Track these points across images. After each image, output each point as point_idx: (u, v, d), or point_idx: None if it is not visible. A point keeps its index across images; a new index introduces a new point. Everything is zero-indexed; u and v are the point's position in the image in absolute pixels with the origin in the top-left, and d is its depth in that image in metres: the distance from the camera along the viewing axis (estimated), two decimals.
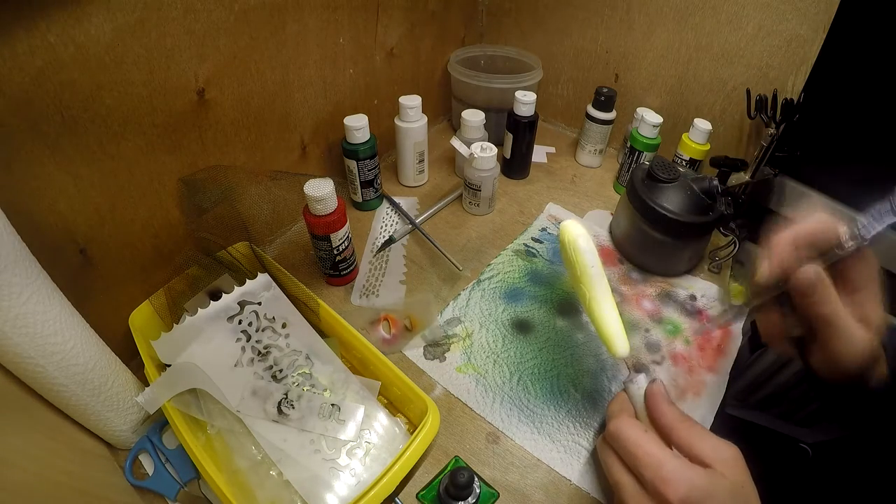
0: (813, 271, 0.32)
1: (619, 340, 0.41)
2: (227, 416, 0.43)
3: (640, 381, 0.40)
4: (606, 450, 0.37)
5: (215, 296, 0.46)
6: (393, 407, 0.47)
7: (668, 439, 0.35)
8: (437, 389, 0.50)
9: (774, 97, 0.63)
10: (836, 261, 0.32)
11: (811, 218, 0.34)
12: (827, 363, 0.35)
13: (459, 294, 0.59)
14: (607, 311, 0.42)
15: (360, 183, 0.67)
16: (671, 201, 0.56)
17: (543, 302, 0.59)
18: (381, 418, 0.45)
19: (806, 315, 0.33)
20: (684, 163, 0.70)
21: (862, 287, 0.33)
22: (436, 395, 0.50)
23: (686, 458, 0.33)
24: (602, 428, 0.47)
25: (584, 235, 0.43)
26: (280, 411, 0.44)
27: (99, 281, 0.46)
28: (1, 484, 0.28)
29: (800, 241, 0.33)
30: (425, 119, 0.69)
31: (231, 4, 0.47)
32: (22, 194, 0.38)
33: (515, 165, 0.77)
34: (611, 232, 0.69)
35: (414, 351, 0.53)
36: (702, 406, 0.49)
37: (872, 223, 0.31)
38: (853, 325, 0.32)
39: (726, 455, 0.33)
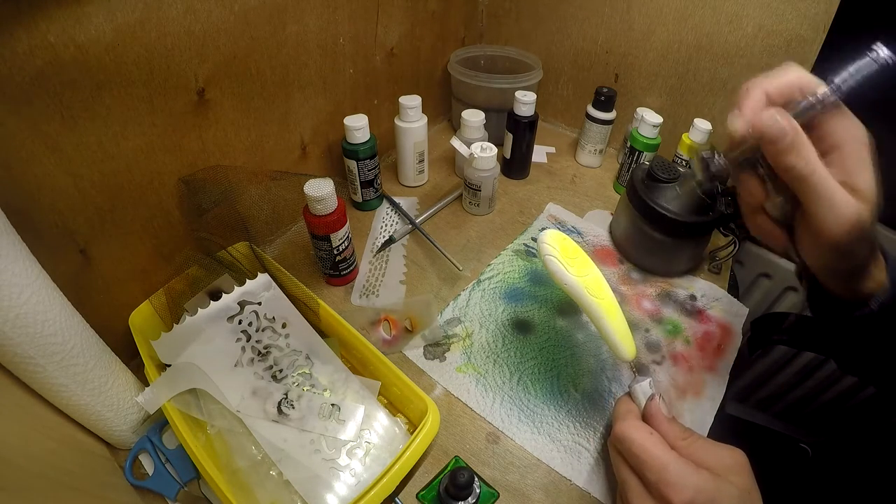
0: (778, 112, 0.29)
1: (620, 347, 0.41)
2: (227, 416, 0.43)
3: (645, 388, 0.39)
4: (613, 450, 0.38)
5: (215, 296, 0.46)
6: (393, 407, 0.47)
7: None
8: (437, 389, 0.50)
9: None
10: (812, 118, 0.29)
11: (785, 70, 0.31)
12: (811, 237, 0.31)
13: (459, 294, 0.59)
14: (603, 321, 0.41)
15: (360, 183, 0.67)
16: (671, 201, 0.56)
17: (543, 302, 0.59)
18: (381, 418, 0.45)
19: (779, 171, 0.30)
20: (684, 163, 0.70)
21: (843, 147, 0.30)
22: (436, 395, 0.50)
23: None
24: (607, 429, 0.47)
25: (548, 255, 0.42)
26: (280, 411, 0.44)
27: (99, 281, 0.46)
28: (1, 484, 0.28)
29: (772, 92, 0.30)
30: (425, 119, 0.69)
31: (231, 4, 0.47)
32: (22, 194, 0.38)
33: (515, 165, 0.77)
34: (611, 232, 0.69)
35: (414, 351, 0.53)
36: (702, 406, 0.49)
37: (851, 75, 0.29)
38: (834, 185, 0.29)
39: (731, 462, 0.33)
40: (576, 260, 0.42)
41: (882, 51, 0.28)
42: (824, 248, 0.31)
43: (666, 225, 0.57)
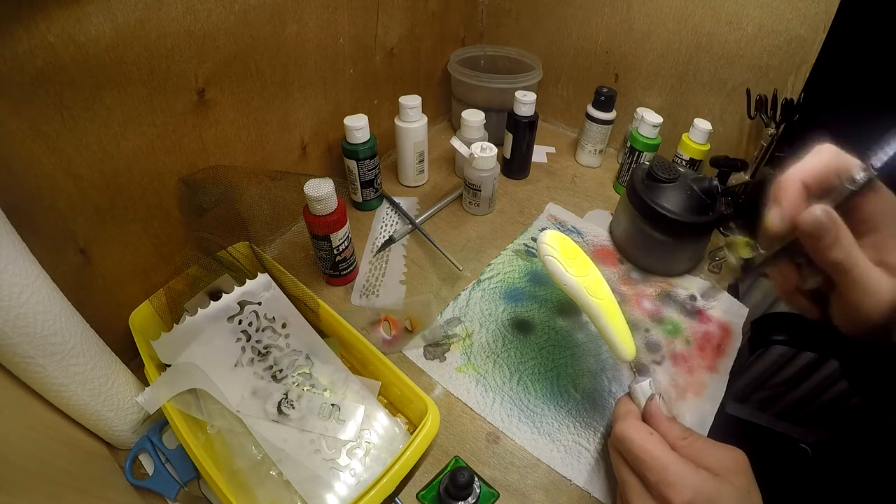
0: (821, 210, 0.28)
1: (620, 348, 0.41)
2: (227, 416, 0.43)
3: (645, 388, 0.40)
4: (614, 450, 0.38)
5: (215, 296, 0.46)
6: (393, 407, 0.47)
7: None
8: (437, 389, 0.50)
9: (774, 97, 0.63)
10: (848, 199, 0.29)
11: (819, 153, 0.30)
12: (847, 316, 0.31)
13: (459, 294, 0.59)
14: (603, 321, 0.41)
15: (360, 183, 0.67)
16: (671, 201, 0.56)
17: (543, 302, 0.59)
18: (381, 418, 0.45)
19: (819, 262, 0.30)
20: (684, 163, 0.70)
21: (880, 227, 0.30)
22: (436, 395, 0.50)
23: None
24: (607, 429, 0.47)
25: (547, 256, 0.42)
26: (280, 411, 0.44)
27: (99, 281, 0.46)
28: (1, 484, 0.28)
29: (809, 179, 0.30)
30: (425, 119, 0.69)
31: (231, 4, 0.47)
32: (22, 194, 0.38)
33: (515, 165, 0.77)
34: (611, 232, 0.69)
35: (414, 351, 0.53)
36: (702, 406, 0.49)
37: (884, 150, 0.28)
38: (871, 270, 0.29)
39: (731, 462, 0.33)
40: (576, 260, 0.42)
41: None
42: (861, 328, 0.31)
43: (666, 225, 0.57)
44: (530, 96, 0.69)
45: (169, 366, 0.43)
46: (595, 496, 0.43)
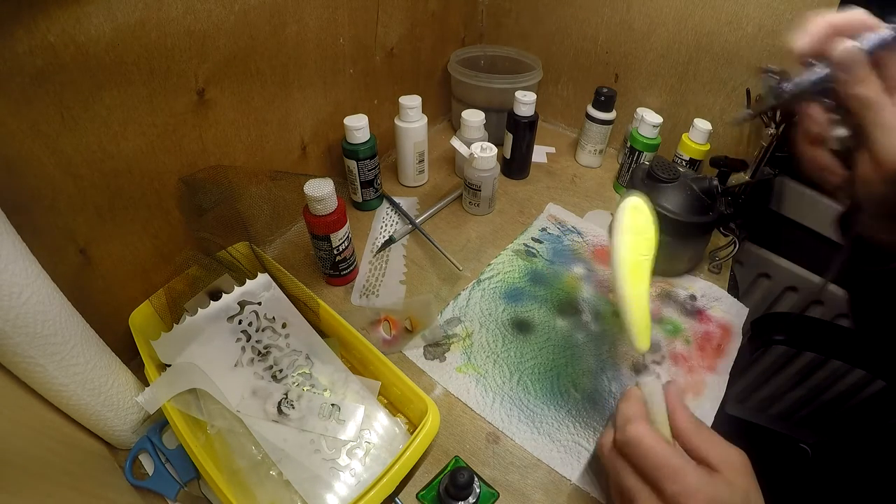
0: (851, 45, 0.29)
1: (638, 337, 0.40)
2: (227, 416, 0.43)
3: (655, 383, 0.38)
4: (617, 457, 0.36)
5: (215, 296, 0.46)
6: (393, 407, 0.47)
7: (679, 442, 0.35)
8: (437, 389, 0.50)
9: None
10: (878, 51, 0.30)
11: (850, 10, 0.31)
12: (870, 167, 0.31)
13: (459, 294, 0.59)
14: (636, 305, 0.40)
15: (360, 183, 0.67)
16: (671, 201, 0.56)
17: (543, 302, 0.59)
18: (381, 418, 0.45)
19: (848, 100, 0.30)
20: (684, 163, 0.70)
21: None
22: (436, 395, 0.50)
23: (694, 461, 0.33)
24: (599, 429, 0.47)
25: (619, 234, 0.41)
26: (280, 411, 0.44)
27: (99, 281, 0.46)
28: (1, 484, 0.28)
29: (837, 24, 0.31)
30: (425, 119, 0.69)
31: (231, 4, 0.47)
32: (22, 194, 0.38)
33: (515, 165, 0.77)
34: (611, 232, 0.68)
35: (414, 351, 0.53)
36: (702, 406, 0.49)
37: None
38: None
39: (735, 461, 0.33)
40: (642, 236, 0.42)
41: None
42: (886, 179, 0.31)
43: (666, 225, 0.56)
44: (530, 96, 0.69)
45: (169, 366, 0.43)
46: (595, 496, 0.43)
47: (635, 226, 0.41)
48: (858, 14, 0.31)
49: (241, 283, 0.47)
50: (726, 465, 0.32)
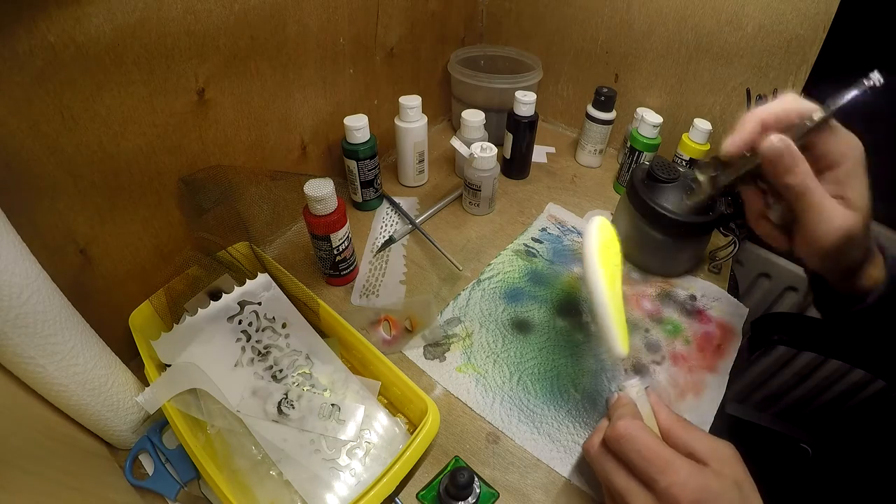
0: (778, 139, 0.32)
1: (617, 344, 0.41)
2: (227, 416, 0.43)
3: (636, 385, 0.40)
4: (606, 455, 0.36)
5: (215, 296, 0.46)
6: (393, 407, 0.47)
7: (665, 440, 0.35)
8: (437, 389, 0.50)
9: (775, 97, 0.62)
10: (807, 136, 0.32)
11: (781, 99, 0.34)
12: (805, 242, 0.35)
13: (459, 294, 0.59)
14: (604, 312, 0.41)
15: (360, 183, 0.67)
16: (671, 201, 0.56)
17: (543, 302, 0.59)
18: (381, 418, 0.45)
19: (778, 187, 0.33)
20: (684, 163, 0.70)
21: (838, 163, 0.33)
22: (436, 395, 0.50)
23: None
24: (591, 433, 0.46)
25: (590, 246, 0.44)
26: (280, 411, 0.44)
27: (99, 281, 0.46)
28: (1, 484, 0.28)
29: (767, 118, 0.33)
30: (425, 119, 0.69)
31: (231, 4, 0.47)
32: (22, 193, 0.38)
33: (515, 165, 0.77)
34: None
35: (414, 351, 0.53)
36: (702, 406, 0.49)
37: (841, 96, 0.32)
38: (827, 199, 0.32)
39: (723, 452, 0.33)
40: (610, 250, 0.45)
41: (875, 77, 0.32)
42: (820, 254, 0.34)
43: (666, 225, 0.57)
44: (530, 96, 0.69)
45: (169, 366, 0.43)
46: (594, 496, 0.43)
47: (605, 240, 0.45)
48: (790, 103, 0.34)
49: (241, 283, 0.47)
50: (714, 457, 0.33)
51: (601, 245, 0.44)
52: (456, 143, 0.70)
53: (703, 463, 0.32)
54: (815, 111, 0.33)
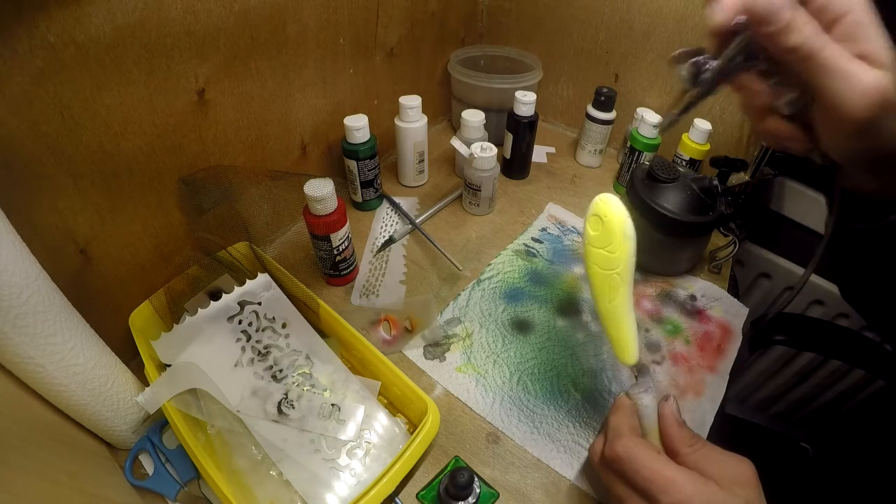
0: None
1: (634, 347, 0.38)
2: (227, 416, 0.43)
3: (649, 397, 0.37)
4: (608, 470, 0.35)
5: (215, 296, 0.46)
6: (393, 407, 0.47)
7: (678, 462, 0.33)
8: (437, 389, 0.50)
9: None
10: None
11: None
12: (833, 124, 0.27)
13: (459, 294, 0.59)
14: (630, 314, 0.38)
15: (360, 183, 0.67)
16: (671, 201, 0.56)
17: (543, 302, 0.59)
18: (381, 418, 0.45)
19: (780, 57, 0.26)
20: (684, 163, 0.70)
21: (844, 13, 0.25)
22: (436, 395, 0.50)
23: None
24: (599, 430, 0.47)
25: (629, 219, 0.36)
26: (280, 411, 0.44)
27: (99, 281, 0.46)
28: (1, 484, 0.28)
29: None
30: (425, 119, 0.69)
31: (231, 4, 0.47)
32: (22, 194, 0.38)
33: (515, 165, 0.77)
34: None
35: (414, 351, 0.53)
36: (702, 406, 0.49)
37: None
38: (845, 57, 0.25)
39: (738, 474, 0.32)
40: (610, 246, 0.37)
41: None
42: (850, 133, 0.27)
43: (666, 225, 0.57)
44: (530, 96, 0.69)
45: (169, 366, 0.43)
46: (594, 496, 0.43)
47: (596, 239, 0.37)
48: None
49: (241, 283, 0.47)
50: (730, 479, 0.31)
51: (593, 244, 0.37)
52: (456, 143, 0.70)
53: (713, 482, 0.31)
54: None
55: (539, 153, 0.84)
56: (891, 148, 0.27)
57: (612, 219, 0.36)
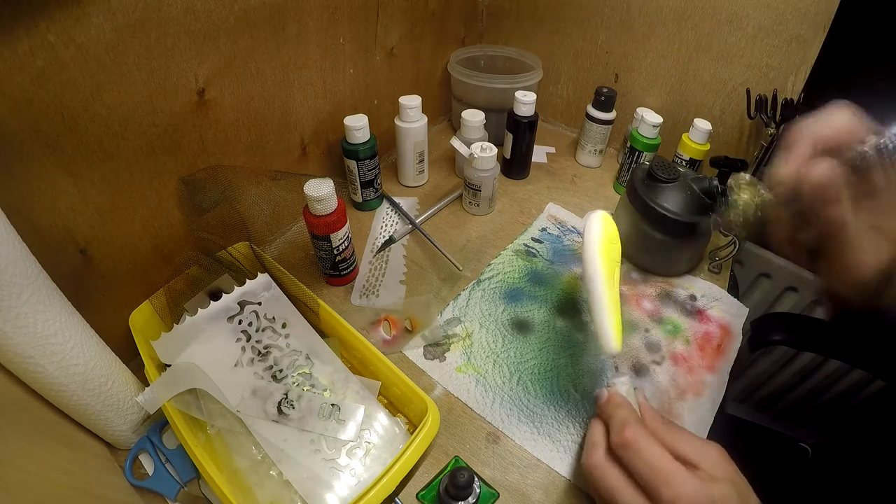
0: (827, 166, 0.29)
1: (609, 339, 0.41)
2: (227, 416, 0.43)
3: (626, 383, 0.41)
4: (612, 466, 0.35)
5: (215, 296, 0.46)
6: (393, 407, 0.47)
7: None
8: (437, 389, 0.50)
9: (774, 97, 0.63)
10: (855, 166, 0.29)
11: (834, 115, 0.31)
12: (837, 276, 0.31)
13: (459, 294, 0.59)
14: (611, 307, 0.42)
15: (360, 183, 0.67)
16: (671, 201, 0.56)
17: (543, 302, 0.59)
18: (381, 418, 0.45)
19: (816, 217, 0.30)
20: (684, 163, 0.70)
21: (882, 192, 0.29)
22: (436, 395, 0.50)
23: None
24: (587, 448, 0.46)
25: (591, 244, 0.43)
26: (280, 411, 0.44)
27: (99, 281, 0.46)
28: (1, 484, 0.28)
29: (820, 141, 0.30)
30: (425, 119, 0.69)
31: (231, 4, 0.47)
32: (22, 194, 0.38)
33: (515, 165, 0.77)
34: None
35: (414, 351, 0.53)
36: (702, 406, 0.49)
37: None
38: (865, 231, 0.29)
39: (713, 456, 0.34)
40: (613, 245, 0.45)
41: None
42: (846, 285, 0.31)
43: (666, 225, 0.57)
44: (530, 96, 0.69)
45: (169, 366, 0.43)
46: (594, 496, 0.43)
47: (608, 234, 0.45)
48: (844, 121, 0.30)
49: (241, 283, 0.47)
50: (705, 460, 0.33)
51: (602, 238, 0.44)
52: (456, 143, 0.70)
53: (693, 466, 0.33)
54: (869, 134, 0.29)
55: (539, 153, 0.84)
56: (881, 304, 0.31)
57: (612, 222, 0.45)
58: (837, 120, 0.31)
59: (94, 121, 0.40)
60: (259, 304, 0.47)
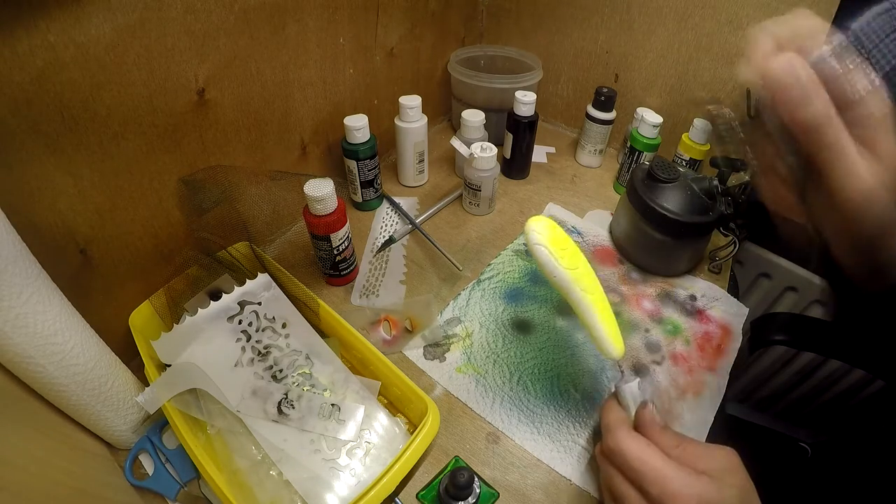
0: (787, 58, 0.25)
1: (608, 345, 0.40)
2: (227, 416, 0.43)
3: (634, 391, 0.40)
4: (606, 463, 0.37)
5: (215, 296, 0.46)
6: (393, 407, 0.47)
7: None
8: (437, 389, 0.50)
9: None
10: (825, 70, 0.26)
11: (795, 17, 0.28)
12: (824, 202, 0.27)
13: (459, 294, 0.59)
14: (590, 317, 0.40)
15: (360, 183, 0.67)
16: (671, 201, 0.56)
17: (543, 302, 0.59)
18: (381, 418, 0.45)
19: (791, 125, 0.26)
20: (684, 163, 0.70)
21: (860, 104, 0.26)
22: (436, 395, 0.50)
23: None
24: (599, 430, 0.47)
25: (536, 244, 0.39)
26: (280, 411, 0.44)
27: (99, 281, 0.46)
28: (1, 484, 0.28)
29: (782, 38, 0.27)
30: (425, 119, 0.69)
31: (231, 4, 0.47)
32: (22, 194, 0.38)
33: (515, 165, 0.77)
34: (611, 232, 0.69)
35: (414, 351, 0.53)
36: (702, 406, 0.49)
37: (868, 21, 0.26)
38: (850, 144, 0.25)
39: (726, 463, 0.33)
40: (566, 251, 0.40)
41: None
42: (837, 215, 0.28)
43: (666, 225, 0.57)
44: (530, 96, 0.69)
45: (169, 366, 0.43)
46: (594, 496, 0.43)
47: (554, 240, 0.39)
48: (806, 21, 0.27)
49: (241, 283, 0.47)
50: (719, 470, 0.33)
51: (553, 250, 0.39)
52: (456, 143, 0.70)
53: (701, 473, 0.32)
54: (832, 33, 0.26)
55: (539, 153, 0.84)
56: (871, 233, 0.28)
57: (551, 224, 0.40)
58: (797, 20, 0.27)
59: (94, 121, 0.40)
60: (259, 304, 0.47)
